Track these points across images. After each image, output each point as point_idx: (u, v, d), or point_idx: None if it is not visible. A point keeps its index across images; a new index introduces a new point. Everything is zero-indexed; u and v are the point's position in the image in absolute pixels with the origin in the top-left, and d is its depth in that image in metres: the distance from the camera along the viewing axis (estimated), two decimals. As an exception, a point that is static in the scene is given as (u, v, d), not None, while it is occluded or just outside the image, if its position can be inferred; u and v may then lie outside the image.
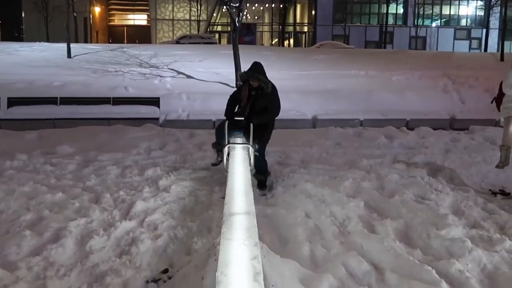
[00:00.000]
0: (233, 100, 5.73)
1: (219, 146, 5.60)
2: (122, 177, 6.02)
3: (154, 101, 11.26)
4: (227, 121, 5.36)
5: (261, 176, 5.62)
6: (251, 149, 5.03)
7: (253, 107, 5.46)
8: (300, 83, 13.78)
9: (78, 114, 10.41)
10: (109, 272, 3.54)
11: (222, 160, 5.28)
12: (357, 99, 12.05)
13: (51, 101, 10.85)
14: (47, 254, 3.78)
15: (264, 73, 5.50)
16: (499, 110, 5.82)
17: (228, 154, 4.94)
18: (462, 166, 6.66)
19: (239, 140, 5.25)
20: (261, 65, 5.52)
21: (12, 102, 10.71)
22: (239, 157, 4.60)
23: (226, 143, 5.09)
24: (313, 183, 5.71)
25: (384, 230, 4.31)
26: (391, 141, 8.19)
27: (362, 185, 5.67)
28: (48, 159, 6.62)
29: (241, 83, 5.76)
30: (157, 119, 10.73)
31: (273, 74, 14.39)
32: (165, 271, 3.48)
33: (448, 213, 4.74)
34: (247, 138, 5.26)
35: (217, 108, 9.34)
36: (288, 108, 11.44)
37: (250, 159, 4.86)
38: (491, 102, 6.14)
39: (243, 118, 5.39)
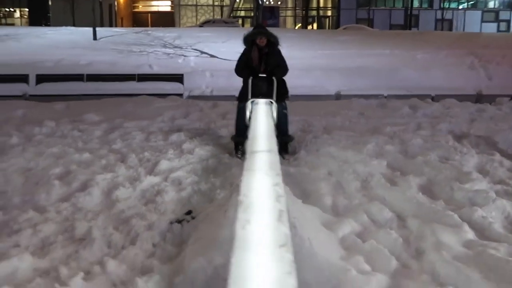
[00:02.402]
0: (243, 65, 5.57)
1: (238, 138, 5.41)
2: (147, 141, 6.12)
3: (178, 78, 11.37)
4: (251, 79, 5.31)
5: (284, 138, 5.61)
6: (275, 105, 5.05)
7: (266, 66, 5.42)
8: (324, 61, 13.68)
9: (104, 90, 10.58)
10: (135, 216, 3.64)
11: (243, 155, 5.19)
12: (381, 76, 11.91)
13: (78, 78, 11.07)
14: (75, 200, 3.90)
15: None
16: None
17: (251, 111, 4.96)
18: (488, 134, 6.53)
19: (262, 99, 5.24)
20: (263, 25, 5.53)
21: (41, 79, 10.97)
22: (263, 110, 4.63)
23: (250, 97, 5.10)
24: (336, 146, 5.70)
25: (407, 184, 4.30)
26: (415, 111, 8.09)
27: (385, 148, 5.63)
28: (75, 126, 6.78)
29: (245, 49, 5.60)
30: (181, 95, 10.84)
31: (296, 53, 14.43)
32: (189, 212, 3.55)
33: (472, 171, 4.70)
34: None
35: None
36: (312, 84, 11.42)
37: (273, 115, 4.89)
38: None
39: (265, 75, 5.36)
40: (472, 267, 2.70)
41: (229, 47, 15.99)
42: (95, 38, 17.83)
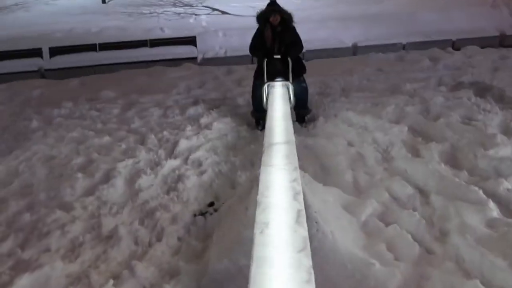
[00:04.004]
0: (258, 45, 5.34)
1: (257, 113, 5.42)
2: (164, 117, 6.12)
3: (191, 41, 11.18)
4: (265, 60, 5.18)
5: (301, 110, 5.53)
6: (291, 87, 4.96)
7: (281, 44, 5.27)
8: (339, 9, 13.22)
9: (117, 58, 10.49)
10: (159, 207, 3.70)
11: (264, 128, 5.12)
12: (399, 22, 11.44)
13: (91, 47, 10.97)
14: (100, 194, 3.97)
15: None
16: None
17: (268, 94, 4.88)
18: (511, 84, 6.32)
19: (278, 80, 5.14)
20: (276, 1, 5.32)
21: (54, 51, 10.91)
22: (279, 93, 4.56)
23: (266, 80, 5.01)
24: (354, 111, 5.60)
25: (429, 154, 4.23)
26: (435, 63, 7.83)
27: (406, 110, 5.52)
28: (92, 105, 6.80)
29: (259, 27, 5.38)
30: (195, 58, 10.70)
31: (309, 3, 13.92)
32: (211, 204, 3.59)
33: (496, 133, 4.57)
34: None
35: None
36: (326, 37, 11.09)
37: (290, 96, 4.81)
38: None
39: (279, 56, 5.22)
40: (497, 252, 2.68)
41: (241, 1, 15.60)
42: (103, 1, 17.53)
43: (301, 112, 5.49)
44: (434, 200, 3.42)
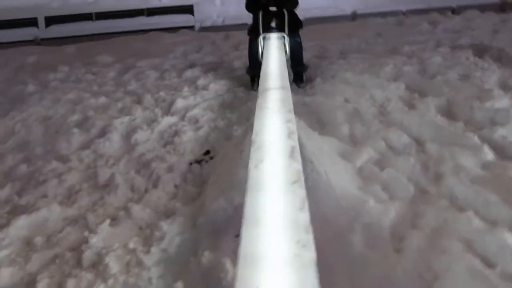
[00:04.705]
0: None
1: (253, 71, 5.32)
2: (161, 79, 6.10)
3: (188, 9, 11.09)
4: (261, 13, 5.14)
5: (298, 68, 5.51)
6: (287, 39, 4.92)
7: None
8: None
9: (114, 27, 10.45)
10: (155, 159, 3.71)
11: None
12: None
13: (87, 17, 10.91)
14: (96, 147, 3.98)
15: None
16: None
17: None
18: (511, 45, 6.27)
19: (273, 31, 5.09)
20: None
21: (50, 21, 10.84)
22: (274, 44, 4.52)
23: (261, 32, 4.97)
24: (352, 72, 5.58)
25: (425, 107, 4.22)
26: (434, 27, 7.78)
27: (403, 69, 5.49)
28: (88, 69, 6.77)
29: None
30: (192, 27, 10.63)
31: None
32: (207, 152, 3.60)
33: (493, 88, 4.56)
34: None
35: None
36: (326, 4, 11.00)
37: (286, 48, 4.78)
38: None
39: (275, 8, 5.17)
40: (491, 189, 2.69)
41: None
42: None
43: (298, 70, 5.45)
44: (430, 147, 3.42)
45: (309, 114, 4.45)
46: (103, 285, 2.16)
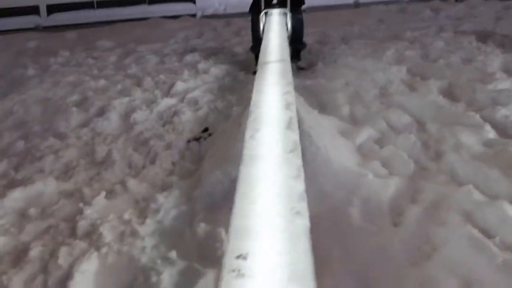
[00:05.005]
0: None
1: (257, 49, 5.28)
2: (161, 64, 6.05)
3: (190, -1, 11.03)
4: None
5: (297, 45, 5.43)
6: (289, 15, 4.87)
7: None
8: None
9: (115, 15, 10.38)
10: (153, 137, 3.67)
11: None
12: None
13: (89, 4, 10.85)
14: (94, 125, 3.95)
15: None
16: None
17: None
18: (514, 32, 6.21)
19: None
20: None
21: (51, 9, 10.79)
22: (276, 20, 4.48)
23: (263, 8, 4.92)
24: (354, 56, 5.52)
25: (427, 89, 4.18)
26: (437, 13, 7.70)
27: (406, 54, 5.44)
28: (89, 54, 6.72)
29: None
30: (194, 15, 10.56)
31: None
32: (205, 129, 3.56)
33: (496, 71, 4.52)
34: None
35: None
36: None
37: (287, 24, 4.73)
38: None
39: None
40: (492, 165, 2.65)
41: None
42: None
43: (297, 47, 5.39)
44: (431, 127, 3.37)
45: (310, 96, 4.38)
46: (96, 253, 2.13)
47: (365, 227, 2.26)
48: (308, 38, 6.12)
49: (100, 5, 10.88)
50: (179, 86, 4.96)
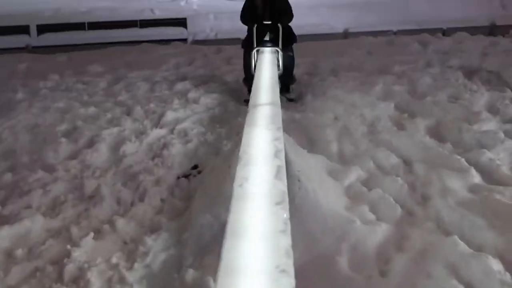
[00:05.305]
0: (248, 12, 5.39)
1: (250, 82, 5.34)
2: (151, 91, 6.07)
3: (181, 22, 11.12)
4: (255, 26, 5.18)
5: (287, 80, 5.50)
6: (280, 53, 4.95)
7: (271, 12, 5.24)
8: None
9: (106, 38, 10.40)
10: (142, 171, 3.68)
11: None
12: (391, 9, 11.47)
13: (79, 26, 10.87)
14: (83, 158, 3.94)
15: None
16: None
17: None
18: (500, 68, 6.34)
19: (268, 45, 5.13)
20: None
21: (42, 29, 10.80)
22: (267, 58, 4.55)
23: (255, 46, 5.00)
24: (343, 89, 5.63)
25: (414, 127, 4.26)
26: (425, 47, 7.86)
27: (394, 89, 5.54)
28: (79, 78, 6.73)
29: None
30: (185, 40, 10.64)
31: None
32: (195, 167, 3.58)
33: (482, 110, 4.62)
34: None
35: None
36: (318, 22, 11.09)
37: (279, 63, 4.81)
38: None
39: (270, 22, 5.21)
40: (477, 213, 2.71)
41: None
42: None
43: (285, 81, 5.46)
44: (418, 168, 3.44)
45: (299, 131, 4.45)
46: (83, 302, 2.12)
47: (352, 278, 2.28)
48: (298, 69, 6.21)
49: (92, 27, 10.91)
50: (169, 116, 4.98)
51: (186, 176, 3.46)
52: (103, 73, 7.01)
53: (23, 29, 10.74)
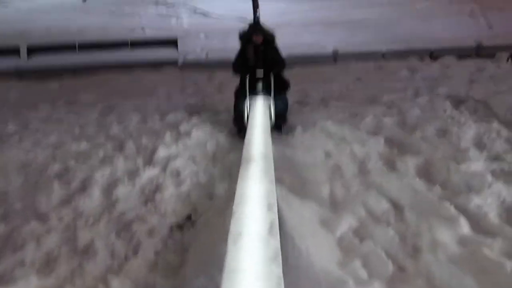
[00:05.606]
0: (240, 62, 5.44)
1: (240, 125, 5.40)
2: (143, 123, 6.11)
3: (172, 42, 11.17)
4: (247, 76, 5.26)
5: (280, 121, 5.57)
6: (272, 103, 5.03)
7: (263, 62, 5.31)
8: (323, 14, 13.32)
9: (97, 60, 10.41)
10: (136, 219, 3.69)
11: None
12: (380, 29, 11.62)
13: (70, 47, 10.86)
14: (76, 204, 3.94)
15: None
16: None
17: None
18: (487, 96, 6.47)
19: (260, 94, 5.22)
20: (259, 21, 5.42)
21: (32, 50, 10.77)
22: (260, 109, 4.62)
23: (247, 95, 5.08)
24: (333, 120, 5.70)
25: (404, 167, 4.33)
26: (413, 73, 7.99)
27: (383, 121, 5.63)
28: (71, 108, 6.75)
29: (242, 45, 5.48)
30: (176, 60, 10.68)
31: (295, 7, 13.98)
32: (189, 217, 3.60)
33: (469, 147, 4.72)
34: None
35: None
36: (310, 41, 11.20)
37: (271, 113, 4.88)
38: None
39: (262, 71, 5.28)
40: (466, 270, 2.76)
41: (223, 2, 15.58)
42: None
43: (277, 123, 5.53)
44: (408, 215, 3.50)
45: (290, 171, 4.49)
46: None
47: None
48: (289, 97, 6.25)
49: (82, 48, 10.90)
50: (161, 152, 5.01)
51: (180, 226, 3.48)
52: (95, 102, 7.04)
53: (13, 51, 10.70)
